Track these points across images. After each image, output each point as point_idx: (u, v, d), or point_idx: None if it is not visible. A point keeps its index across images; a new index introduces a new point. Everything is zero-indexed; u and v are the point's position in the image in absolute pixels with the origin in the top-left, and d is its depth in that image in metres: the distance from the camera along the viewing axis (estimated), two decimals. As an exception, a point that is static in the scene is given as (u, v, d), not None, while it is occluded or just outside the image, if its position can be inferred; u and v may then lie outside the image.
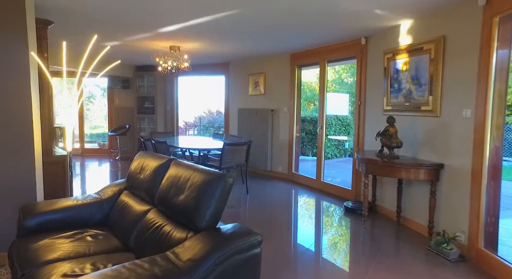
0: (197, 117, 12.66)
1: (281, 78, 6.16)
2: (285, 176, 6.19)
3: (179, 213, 1.97)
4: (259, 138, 6.44)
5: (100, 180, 6.27)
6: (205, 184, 1.87)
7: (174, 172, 2.17)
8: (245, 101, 6.90)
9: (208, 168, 2.04)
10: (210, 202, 1.82)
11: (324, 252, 3.21)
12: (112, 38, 4.76)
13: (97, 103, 11.29)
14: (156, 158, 2.48)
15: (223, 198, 1.87)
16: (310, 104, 12.18)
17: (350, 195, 4.78)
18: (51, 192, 3.41)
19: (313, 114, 9.27)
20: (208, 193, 1.83)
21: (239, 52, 6.07)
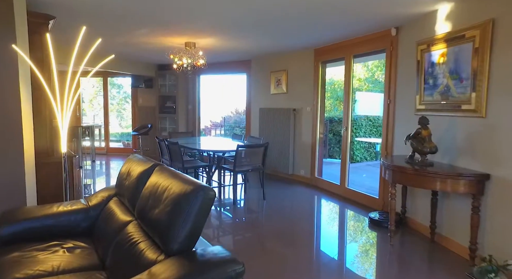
0: (223, 117, 12.49)
1: (304, 75, 5.74)
2: (307, 180, 5.76)
3: (153, 230, 1.67)
4: (281, 140, 6.06)
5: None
6: (180, 197, 1.55)
7: (154, 180, 1.87)
8: (267, 100, 6.55)
9: (189, 178, 1.71)
10: (185, 220, 1.50)
11: (342, 276, 2.78)
12: (123, 34, 4.60)
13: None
14: (142, 162, 2.20)
15: (202, 215, 1.54)
16: (341, 104, 11.59)
17: (377, 204, 4.28)
18: (53, 195, 3.27)
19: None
20: (182, 209, 1.51)
21: (260, 49, 5.73)
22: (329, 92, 12.66)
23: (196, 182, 1.61)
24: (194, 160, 5.10)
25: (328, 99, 12.80)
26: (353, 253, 3.19)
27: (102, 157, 8.45)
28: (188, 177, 1.73)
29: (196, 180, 1.65)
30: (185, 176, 1.76)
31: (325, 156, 8.70)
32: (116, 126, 11.65)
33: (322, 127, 5.63)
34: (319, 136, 5.58)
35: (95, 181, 5.99)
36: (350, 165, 8.30)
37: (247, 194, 5.08)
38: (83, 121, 9.08)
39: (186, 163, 4.74)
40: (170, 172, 1.85)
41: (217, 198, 4.80)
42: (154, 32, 4.44)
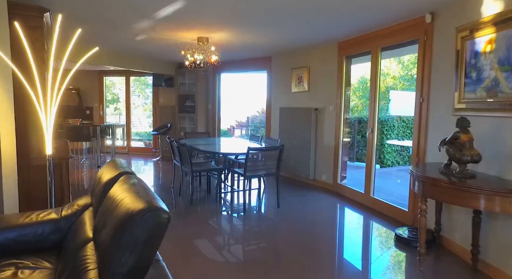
0: (249, 117, 12.17)
1: (327, 72, 5.25)
2: (329, 186, 5.26)
3: (99, 255, 1.33)
4: (301, 141, 5.60)
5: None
6: (124, 220, 1.20)
7: (113, 191, 1.54)
8: (287, 99, 6.11)
9: (147, 193, 1.36)
10: (128, 250, 1.14)
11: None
12: (130, 28, 4.38)
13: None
14: (113, 168, 1.89)
15: (151, 244, 1.18)
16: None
17: (406, 218, 3.72)
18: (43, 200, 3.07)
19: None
20: (124, 237, 1.15)
21: (280, 43, 5.31)
22: (360, 90, 11.96)
23: (149, 200, 1.25)
24: (205, 162, 4.79)
25: (360, 98, 12.11)
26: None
27: (123, 157, 8.42)
28: (146, 191, 1.38)
29: (152, 197, 1.29)
30: (145, 189, 1.41)
31: (352, 160, 8.11)
32: (145, 125, 11.72)
33: (346, 129, 5.12)
34: (342, 138, 5.07)
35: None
36: (379, 170, 7.73)
37: (261, 200, 4.69)
38: (106, 120, 9.13)
39: (196, 166, 4.43)
40: (131, 184, 1.51)
41: (228, 203, 4.45)
42: (162, 26, 4.17)
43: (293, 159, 5.78)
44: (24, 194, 2.77)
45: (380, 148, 7.92)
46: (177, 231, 3.43)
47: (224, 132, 12.43)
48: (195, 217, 3.96)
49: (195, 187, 5.17)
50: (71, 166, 6.55)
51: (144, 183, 1.55)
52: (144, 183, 1.56)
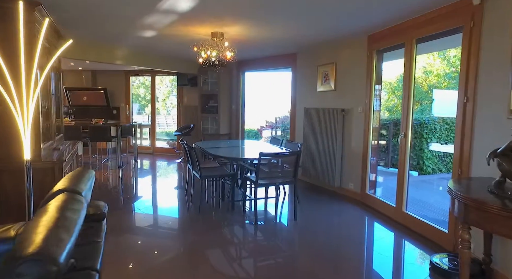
0: (280, 117, 11.74)
1: (355, 68, 4.70)
2: (357, 196, 4.71)
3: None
4: (326, 145, 5.08)
5: (149, 187, 5.86)
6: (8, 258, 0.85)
7: (36, 216, 1.21)
8: (313, 98, 5.61)
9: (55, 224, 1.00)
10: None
11: None
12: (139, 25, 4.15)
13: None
14: (65, 181, 1.57)
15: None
16: (416, 104, 9.99)
17: (446, 242, 3.11)
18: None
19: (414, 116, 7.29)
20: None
21: (304, 38, 4.85)
22: (400, 90, 11.05)
23: (42, 241, 0.89)
24: (219, 167, 4.44)
25: (400, 98, 11.19)
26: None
27: (147, 157, 8.36)
28: (60, 226, 1.03)
29: (58, 239, 0.93)
30: (63, 222, 1.06)
31: (387, 165, 7.40)
32: (172, 125, 11.72)
33: (381, 131, 4.54)
34: (371, 143, 4.50)
35: (123, 185, 5.72)
36: (417, 177, 6.95)
37: (277, 210, 4.25)
38: (133, 120, 9.14)
39: (206, 171, 4.11)
40: (51, 208, 1.17)
41: (241, 212, 4.07)
42: (173, 20, 3.88)
43: (317, 164, 5.27)
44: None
45: (419, 153, 7.14)
46: (180, 239, 3.12)
47: (254, 133, 12.11)
48: (200, 226, 3.63)
49: (206, 193, 4.87)
50: (95, 167, 6.57)
51: (77, 210, 1.21)
52: (78, 210, 1.21)
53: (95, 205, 2.00)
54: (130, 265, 2.74)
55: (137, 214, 4.07)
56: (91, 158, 7.38)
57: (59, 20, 3.87)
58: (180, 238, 3.35)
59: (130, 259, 2.83)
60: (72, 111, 8.59)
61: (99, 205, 2.04)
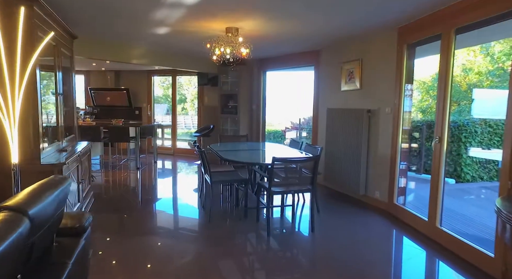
0: (305, 118, 11.34)
1: (383, 65, 4.26)
2: (384, 206, 4.26)
3: None
4: (351, 149, 4.67)
5: (164, 190, 5.71)
6: None
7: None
8: (336, 98, 5.21)
9: None
10: None
11: None
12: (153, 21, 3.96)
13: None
14: (19, 196, 1.34)
15: None
16: (454, 104, 9.24)
17: (492, 267, 2.63)
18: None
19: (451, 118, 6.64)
20: None
21: (327, 33, 4.48)
22: (435, 89, 10.29)
23: None
24: (232, 172, 4.17)
25: (434, 98, 10.42)
26: None
27: (168, 158, 8.27)
28: None
29: None
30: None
31: (419, 171, 6.80)
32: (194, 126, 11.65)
33: (406, 134, 4.08)
34: (400, 147, 4.04)
35: (138, 187, 5.60)
36: (454, 185, 6.31)
37: (294, 220, 3.91)
38: (154, 120, 9.11)
39: (216, 176, 3.85)
40: None
41: (254, 221, 3.76)
42: (185, 14, 3.66)
43: (341, 169, 4.87)
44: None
45: (457, 159, 6.49)
46: (183, 249, 2.87)
47: (280, 134, 11.76)
48: (207, 235, 3.37)
49: (221, 199, 4.62)
50: (115, 168, 6.55)
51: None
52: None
53: (74, 216, 1.78)
54: (128, 274, 2.52)
55: (145, 219, 3.89)
56: (111, 159, 7.38)
57: (69, 19, 3.77)
58: (184, 248, 3.10)
59: (126, 269, 2.61)
60: (96, 111, 8.70)
61: (80, 216, 1.82)
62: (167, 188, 5.54)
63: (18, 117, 2.25)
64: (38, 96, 2.76)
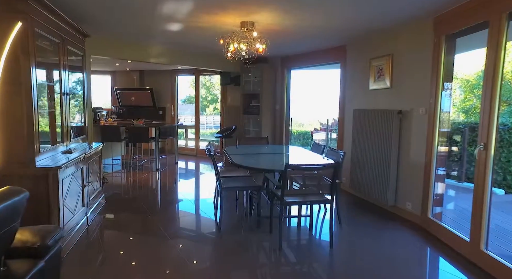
0: (334, 119, 10.82)
1: (417, 61, 3.76)
2: (416, 220, 3.76)
3: None
4: (379, 154, 4.20)
5: (178, 194, 5.52)
6: None
7: None
8: (363, 98, 4.74)
9: None
10: None
11: None
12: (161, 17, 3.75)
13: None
14: None
15: None
16: (502, 104, 8.36)
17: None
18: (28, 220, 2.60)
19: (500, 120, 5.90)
20: None
21: (355, 27, 4.06)
22: (480, 88, 9.36)
23: None
24: (246, 177, 3.86)
25: (479, 98, 9.48)
26: None
27: (190, 159, 8.14)
28: None
29: None
30: None
31: (460, 179, 6.11)
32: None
33: (445, 137, 3.56)
34: (436, 153, 3.53)
35: (152, 190, 5.44)
36: (504, 197, 5.56)
37: (312, 233, 3.53)
38: (178, 120, 9.02)
39: (227, 182, 3.56)
40: None
41: (267, 231, 3.43)
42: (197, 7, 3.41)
43: (368, 176, 4.40)
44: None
45: (507, 166, 5.74)
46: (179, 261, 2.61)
47: (309, 136, 11.30)
48: (213, 246, 3.08)
49: (230, 206, 4.33)
50: (136, 169, 6.48)
51: None
52: None
53: (38, 231, 1.55)
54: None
55: (152, 223, 3.68)
56: (132, 159, 7.35)
57: (78, 17, 3.67)
58: (178, 263, 2.83)
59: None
60: (122, 111, 8.76)
61: (46, 232, 1.59)
62: (183, 192, 5.34)
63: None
64: (33, 95, 2.61)
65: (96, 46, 4.81)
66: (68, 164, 2.93)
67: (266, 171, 3.24)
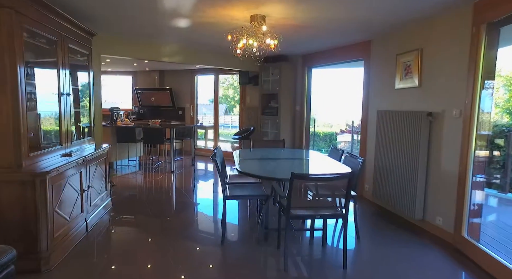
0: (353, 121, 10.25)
1: (451, 55, 3.28)
2: (448, 238, 3.28)
3: None
4: (405, 160, 3.74)
5: (190, 199, 5.31)
6: None
7: None
8: (389, 99, 4.28)
9: None
10: None
11: None
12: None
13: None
14: None
15: None
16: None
17: None
18: (16, 227, 2.46)
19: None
20: None
21: (379, 18, 3.63)
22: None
23: None
24: (255, 185, 3.55)
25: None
26: None
27: (209, 161, 7.94)
28: None
29: None
30: None
31: (503, 190, 5.44)
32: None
33: (484, 141, 3.06)
34: (473, 161, 3.04)
35: (166, 194, 5.26)
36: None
37: (325, 249, 3.16)
38: (198, 121, 8.87)
39: (234, 189, 3.28)
40: None
41: (275, 246, 3.10)
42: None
43: (392, 185, 3.95)
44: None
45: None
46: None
47: (335, 138, 10.79)
48: (208, 260, 2.80)
49: (241, 213, 4.03)
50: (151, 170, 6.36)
51: None
52: None
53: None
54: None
55: (153, 233, 3.47)
56: (148, 161, 7.26)
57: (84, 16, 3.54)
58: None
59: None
60: (142, 112, 8.75)
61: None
62: (194, 196, 5.12)
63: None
64: (20, 95, 2.46)
65: (106, 45, 4.71)
66: (61, 168, 2.77)
67: (268, 179, 2.91)
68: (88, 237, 3.28)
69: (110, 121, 6.67)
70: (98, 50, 4.55)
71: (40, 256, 2.50)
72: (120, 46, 4.96)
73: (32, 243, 2.47)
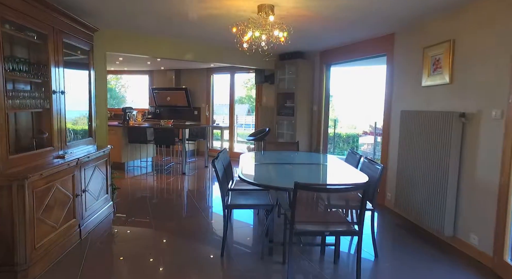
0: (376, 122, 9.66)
1: (489, 47, 2.80)
2: (485, 260, 2.81)
3: None
4: (433, 169, 3.28)
5: (198, 205, 5.05)
6: None
7: None
8: (414, 97, 3.82)
9: None
10: None
11: None
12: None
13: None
14: None
15: None
16: None
17: None
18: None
19: None
20: None
21: (404, 7, 3.20)
22: None
23: None
24: (260, 192, 3.21)
25: None
26: None
27: (223, 162, 7.67)
28: None
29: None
30: None
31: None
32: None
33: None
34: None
35: (175, 197, 5.02)
36: None
37: (337, 268, 2.77)
38: (214, 121, 8.64)
39: (237, 197, 2.97)
40: None
41: (280, 262, 2.76)
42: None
43: (418, 195, 3.50)
44: None
45: None
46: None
47: (358, 139, 10.26)
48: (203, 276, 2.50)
49: (246, 223, 3.71)
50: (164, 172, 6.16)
51: None
52: None
53: None
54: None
55: (152, 242, 3.21)
56: (160, 162, 7.09)
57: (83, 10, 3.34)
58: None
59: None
60: (159, 112, 8.63)
61: None
62: (200, 201, 4.85)
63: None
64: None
65: (111, 42, 4.53)
66: (45, 172, 2.56)
67: (267, 187, 2.57)
68: (81, 245, 3.07)
69: (123, 121, 6.55)
70: (103, 47, 4.38)
71: (17, 269, 2.29)
72: (127, 43, 4.77)
73: (7, 254, 2.27)
